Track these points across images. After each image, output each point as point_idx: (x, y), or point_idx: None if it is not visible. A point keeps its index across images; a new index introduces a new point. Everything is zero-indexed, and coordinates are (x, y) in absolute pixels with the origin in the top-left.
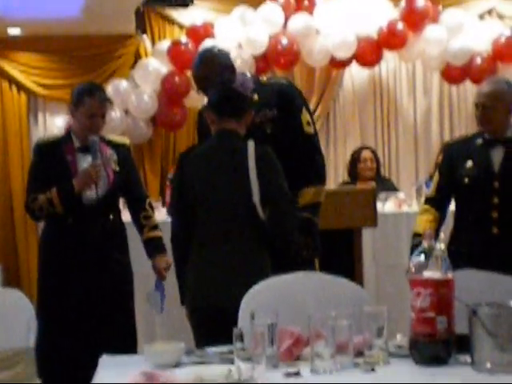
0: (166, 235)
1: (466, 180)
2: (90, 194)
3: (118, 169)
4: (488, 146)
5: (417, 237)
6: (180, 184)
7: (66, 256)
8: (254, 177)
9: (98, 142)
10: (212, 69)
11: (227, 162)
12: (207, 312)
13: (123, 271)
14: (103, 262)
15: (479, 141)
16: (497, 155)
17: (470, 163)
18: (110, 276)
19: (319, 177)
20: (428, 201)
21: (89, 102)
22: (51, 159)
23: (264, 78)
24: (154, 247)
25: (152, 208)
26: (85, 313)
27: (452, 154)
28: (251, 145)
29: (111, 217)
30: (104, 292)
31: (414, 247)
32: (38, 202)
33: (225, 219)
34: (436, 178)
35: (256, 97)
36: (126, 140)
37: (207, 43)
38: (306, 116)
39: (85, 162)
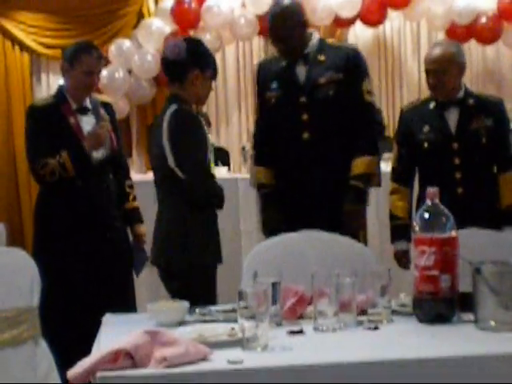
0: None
1: (426, 145)
2: (97, 154)
3: (112, 127)
4: (442, 108)
5: (396, 220)
6: None
7: (73, 217)
8: (166, 141)
9: (99, 102)
10: (284, 27)
11: (156, 127)
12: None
13: (125, 231)
14: (108, 222)
15: (432, 104)
16: (452, 117)
17: (426, 128)
18: (115, 235)
19: (374, 147)
20: (394, 176)
21: (86, 59)
22: (51, 122)
23: (330, 41)
24: (137, 216)
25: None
26: (89, 272)
27: (407, 122)
28: (171, 108)
29: (110, 176)
30: (108, 251)
31: (395, 229)
32: (49, 166)
33: (156, 184)
34: (395, 149)
35: (323, 58)
36: (109, 99)
37: (210, 2)
38: (367, 85)
39: (87, 123)
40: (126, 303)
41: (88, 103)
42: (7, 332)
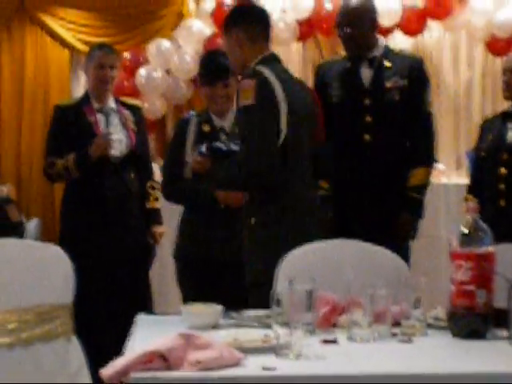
0: None
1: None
2: (115, 152)
3: (136, 129)
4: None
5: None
6: None
7: (90, 213)
8: None
9: (115, 108)
10: (357, 24)
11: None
12: None
13: (142, 228)
14: (125, 220)
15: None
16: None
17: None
18: (131, 233)
19: (431, 158)
20: None
21: (97, 53)
22: (73, 121)
23: (396, 48)
24: (156, 217)
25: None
26: (106, 268)
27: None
28: None
29: (132, 175)
30: (126, 249)
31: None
32: (56, 168)
33: None
34: None
35: (388, 63)
36: (139, 103)
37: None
38: (428, 95)
39: (109, 123)
40: (141, 302)
41: (112, 104)
42: (40, 327)
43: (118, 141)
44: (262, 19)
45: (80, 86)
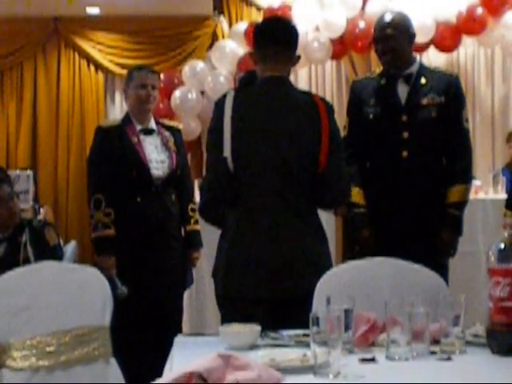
0: None
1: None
2: (157, 172)
3: (176, 150)
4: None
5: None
6: None
7: (131, 233)
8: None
9: (156, 129)
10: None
11: None
12: None
13: (181, 250)
14: (165, 241)
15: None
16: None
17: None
18: (171, 255)
19: (468, 175)
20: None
21: (137, 74)
22: (116, 142)
23: (430, 65)
24: (196, 240)
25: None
26: (148, 291)
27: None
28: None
29: (172, 196)
30: (165, 270)
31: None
32: (92, 219)
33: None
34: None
35: (424, 80)
36: (178, 125)
37: None
38: (464, 113)
39: (150, 143)
40: (175, 325)
41: (153, 125)
42: (78, 350)
43: (160, 161)
44: (277, 39)
45: (115, 108)
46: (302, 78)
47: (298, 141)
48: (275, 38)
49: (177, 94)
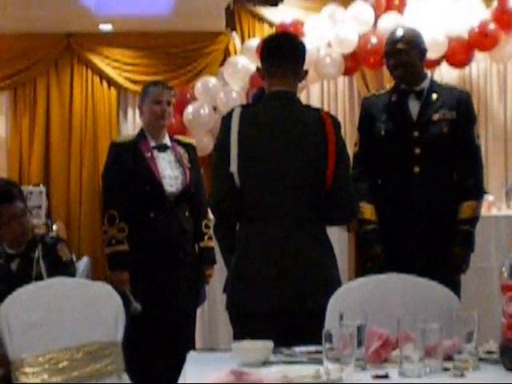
0: None
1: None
2: (171, 188)
3: (190, 166)
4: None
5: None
6: None
7: (144, 247)
8: None
9: (170, 145)
10: (408, 52)
11: None
12: None
13: (194, 267)
14: (179, 257)
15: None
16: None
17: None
18: (184, 270)
19: (480, 191)
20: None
21: (153, 89)
22: (130, 158)
23: (441, 81)
24: (210, 257)
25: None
26: (161, 307)
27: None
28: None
29: (186, 213)
30: (178, 286)
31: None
32: (105, 235)
33: None
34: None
35: (435, 96)
36: (193, 141)
37: None
38: (476, 129)
39: (164, 159)
40: (187, 341)
41: (167, 141)
42: (90, 366)
43: (174, 177)
44: (284, 54)
45: (128, 124)
46: (314, 93)
47: (304, 156)
48: (282, 52)
49: (189, 109)
